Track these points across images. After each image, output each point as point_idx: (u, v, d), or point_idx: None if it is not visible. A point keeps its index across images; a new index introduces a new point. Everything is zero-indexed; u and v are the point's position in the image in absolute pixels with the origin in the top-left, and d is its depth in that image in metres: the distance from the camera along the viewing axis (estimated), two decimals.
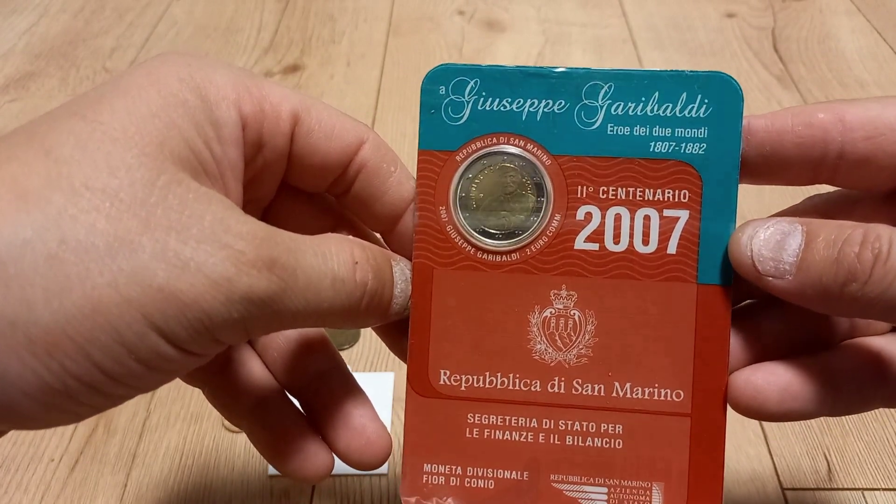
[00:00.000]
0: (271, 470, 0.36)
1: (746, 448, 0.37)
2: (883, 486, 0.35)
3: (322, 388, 0.25)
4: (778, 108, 0.61)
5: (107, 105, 0.18)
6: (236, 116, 0.20)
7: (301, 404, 0.26)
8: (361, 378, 0.39)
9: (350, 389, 0.25)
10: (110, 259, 0.16)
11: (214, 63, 0.21)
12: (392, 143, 0.24)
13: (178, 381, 0.40)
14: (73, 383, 0.16)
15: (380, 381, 0.40)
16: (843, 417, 0.38)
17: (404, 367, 0.24)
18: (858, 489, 0.35)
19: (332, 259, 0.20)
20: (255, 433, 0.25)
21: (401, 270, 0.23)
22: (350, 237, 0.22)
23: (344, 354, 0.42)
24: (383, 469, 0.36)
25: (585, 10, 0.75)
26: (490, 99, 0.23)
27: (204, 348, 0.18)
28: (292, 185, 0.24)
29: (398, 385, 0.40)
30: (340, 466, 0.36)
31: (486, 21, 0.74)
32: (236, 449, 0.37)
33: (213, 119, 0.20)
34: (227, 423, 0.38)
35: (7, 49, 0.71)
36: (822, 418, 0.38)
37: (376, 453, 0.24)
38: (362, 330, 0.43)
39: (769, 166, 0.22)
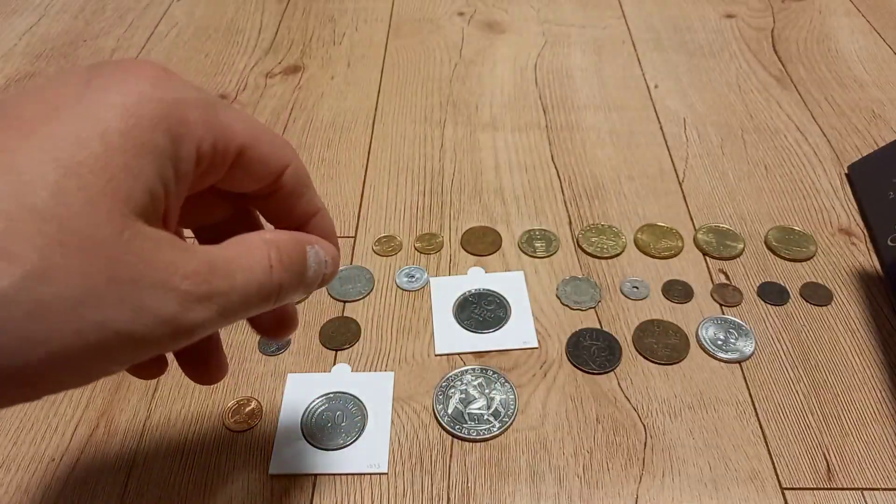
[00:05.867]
0: (271, 469, 0.36)
1: (746, 448, 0.37)
2: (882, 486, 0.35)
3: None
4: (777, 108, 0.61)
5: (86, 151, 0.19)
6: (194, 154, 0.22)
7: None
8: (361, 378, 0.39)
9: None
10: (80, 312, 0.18)
11: (188, 97, 0.22)
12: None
13: (177, 382, 0.40)
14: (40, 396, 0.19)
15: (380, 381, 0.40)
16: (842, 417, 0.38)
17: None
18: (858, 489, 0.35)
19: (257, 270, 0.23)
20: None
21: (315, 254, 0.25)
22: (268, 237, 0.24)
23: (343, 354, 0.42)
24: (383, 468, 0.36)
25: (585, 10, 0.75)
26: None
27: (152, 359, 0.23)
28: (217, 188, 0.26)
29: (398, 385, 0.40)
30: (341, 466, 0.36)
31: (486, 22, 0.74)
32: (237, 449, 0.37)
33: (175, 158, 0.21)
34: (227, 422, 0.38)
35: (7, 49, 0.71)
36: (821, 417, 0.38)
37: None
38: (362, 330, 0.43)
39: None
